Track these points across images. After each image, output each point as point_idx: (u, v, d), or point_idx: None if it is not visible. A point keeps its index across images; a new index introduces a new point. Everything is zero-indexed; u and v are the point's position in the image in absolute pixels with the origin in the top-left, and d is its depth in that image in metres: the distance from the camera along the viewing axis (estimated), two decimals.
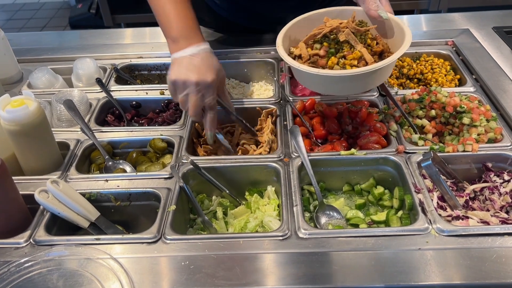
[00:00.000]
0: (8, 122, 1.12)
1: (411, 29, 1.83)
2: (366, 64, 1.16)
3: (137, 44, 1.81)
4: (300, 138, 1.23)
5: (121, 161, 1.30)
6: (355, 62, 1.17)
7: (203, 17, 1.69)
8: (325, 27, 1.24)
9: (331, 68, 1.18)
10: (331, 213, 1.16)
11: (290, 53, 1.28)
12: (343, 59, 1.19)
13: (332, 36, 1.22)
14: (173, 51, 1.25)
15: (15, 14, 5.19)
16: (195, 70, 1.19)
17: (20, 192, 1.08)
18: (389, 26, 1.26)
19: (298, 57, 1.25)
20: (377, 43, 1.22)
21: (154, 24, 1.38)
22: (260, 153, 1.29)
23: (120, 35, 1.93)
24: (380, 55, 1.22)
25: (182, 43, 1.23)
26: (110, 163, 1.28)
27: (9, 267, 0.95)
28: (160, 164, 1.26)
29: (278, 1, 1.63)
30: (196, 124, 1.40)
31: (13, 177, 1.06)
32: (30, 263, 0.95)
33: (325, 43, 1.22)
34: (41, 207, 1.10)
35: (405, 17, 1.93)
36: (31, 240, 1.03)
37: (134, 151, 1.33)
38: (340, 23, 1.23)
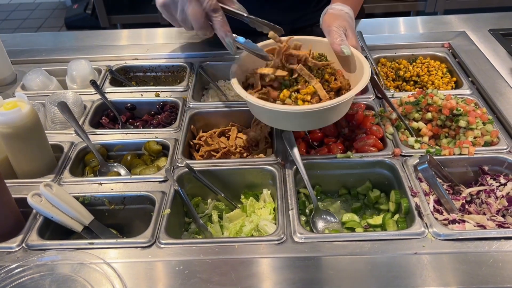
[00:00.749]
0: (0, 124, 1.11)
1: (408, 32, 1.84)
2: (320, 100, 1.12)
3: (132, 45, 1.80)
4: (294, 143, 1.21)
5: (115, 164, 1.29)
6: (308, 98, 1.12)
7: None
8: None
9: (283, 101, 1.14)
10: (327, 217, 1.15)
11: (252, 75, 1.22)
12: (296, 93, 1.15)
13: (286, 67, 1.18)
14: None
15: (10, 14, 5.16)
16: None
17: (13, 196, 1.07)
18: (352, 61, 1.24)
19: (251, 86, 1.21)
20: (335, 79, 1.19)
21: (151, 25, 1.37)
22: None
23: (116, 36, 1.92)
24: (338, 92, 1.18)
25: None
26: (104, 165, 1.27)
27: (0, 272, 0.93)
28: (155, 167, 1.25)
29: (271, 2, 1.62)
30: (192, 126, 1.39)
31: (5, 180, 1.05)
32: (22, 268, 0.94)
33: None
34: (34, 211, 1.08)
35: (401, 19, 1.92)
36: (23, 245, 1.01)
37: (128, 154, 1.32)
38: (298, 55, 1.18)
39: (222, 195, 1.21)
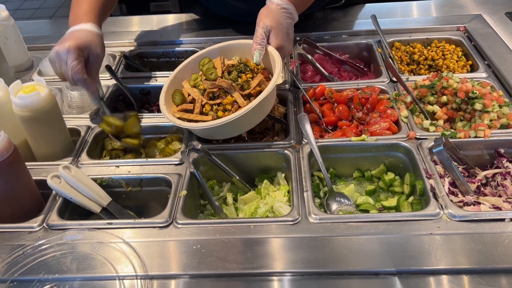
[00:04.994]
0: (19, 108, 1.13)
1: (422, 15, 1.81)
2: (239, 107, 1.18)
3: (146, 31, 1.81)
4: (308, 126, 1.22)
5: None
6: (229, 107, 1.19)
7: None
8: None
9: (206, 113, 1.21)
10: (341, 200, 1.16)
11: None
12: (216, 106, 1.21)
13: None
14: None
15: (23, 4, 5.19)
16: (60, 42, 1.24)
17: (33, 178, 1.09)
18: (273, 62, 1.24)
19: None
20: (258, 85, 1.21)
21: (161, 12, 1.38)
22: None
23: (128, 22, 1.93)
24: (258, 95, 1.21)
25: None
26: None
27: (24, 250, 0.96)
28: (171, 150, 1.27)
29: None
30: None
31: (25, 163, 1.07)
32: (44, 246, 0.97)
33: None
34: (54, 192, 1.11)
35: (415, 2, 1.90)
36: (44, 225, 1.04)
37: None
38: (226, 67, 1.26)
39: (237, 178, 1.22)
